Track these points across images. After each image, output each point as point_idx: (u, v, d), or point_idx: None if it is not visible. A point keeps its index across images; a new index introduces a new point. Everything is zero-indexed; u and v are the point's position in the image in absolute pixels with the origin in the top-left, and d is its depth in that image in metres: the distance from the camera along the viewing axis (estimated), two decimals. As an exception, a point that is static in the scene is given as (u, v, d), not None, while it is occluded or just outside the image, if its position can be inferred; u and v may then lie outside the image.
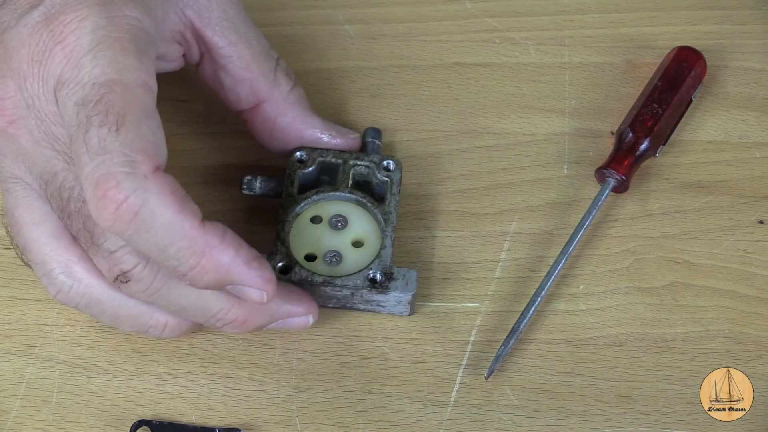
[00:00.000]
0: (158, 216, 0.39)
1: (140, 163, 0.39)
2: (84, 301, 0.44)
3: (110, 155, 0.38)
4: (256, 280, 0.41)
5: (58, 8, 0.41)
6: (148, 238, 0.39)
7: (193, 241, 0.39)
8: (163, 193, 0.39)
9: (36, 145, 0.42)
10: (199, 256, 0.40)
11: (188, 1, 0.47)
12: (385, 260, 0.47)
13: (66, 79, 0.40)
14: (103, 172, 0.38)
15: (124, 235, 0.39)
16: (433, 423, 0.46)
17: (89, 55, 0.40)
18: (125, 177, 0.38)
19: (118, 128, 0.39)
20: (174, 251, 0.39)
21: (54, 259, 0.43)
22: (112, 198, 0.38)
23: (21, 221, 0.44)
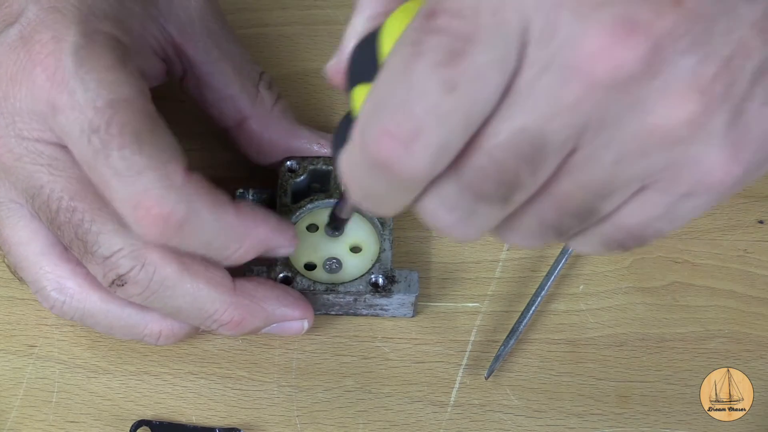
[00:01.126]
0: (203, 217, 0.40)
1: (174, 172, 0.39)
2: (78, 314, 0.44)
3: (142, 174, 0.39)
4: (287, 240, 0.44)
5: (33, 27, 0.41)
6: (195, 240, 0.41)
7: (235, 228, 0.41)
8: (201, 194, 0.40)
9: (17, 161, 0.42)
10: (241, 239, 0.42)
11: (169, 16, 0.47)
12: (386, 263, 0.47)
13: (58, 105, 0.40)
14: (139, 192, 0.39)
15: (171, 242, 0.40)
16: (433, 423, 0.46)
17: (77, 78, 0.40)
18: (165, 191, 0.39)
19: (140, 146, 0.39)
20: (220, 243, 0.41)
21: (44, 277, 0.44)
22: (158, 215, 0.39)
23: (9, 241, 0.44)
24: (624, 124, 0.29)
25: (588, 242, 0.33)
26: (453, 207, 0.32)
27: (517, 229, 0.33)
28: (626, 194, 0.31)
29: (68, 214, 0.41)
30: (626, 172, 0.30)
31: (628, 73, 0.28)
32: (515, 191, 0.31)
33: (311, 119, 0.55)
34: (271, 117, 0.50)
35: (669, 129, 0.29)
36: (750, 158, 0.30)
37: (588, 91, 0.29)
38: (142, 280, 0.42)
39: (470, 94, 0.29)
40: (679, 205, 0.31)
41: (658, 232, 0.32)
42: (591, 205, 0.31)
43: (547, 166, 0.30)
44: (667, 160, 0.30)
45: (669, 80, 0.29)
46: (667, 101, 0.29)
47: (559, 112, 0.29)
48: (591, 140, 0.30)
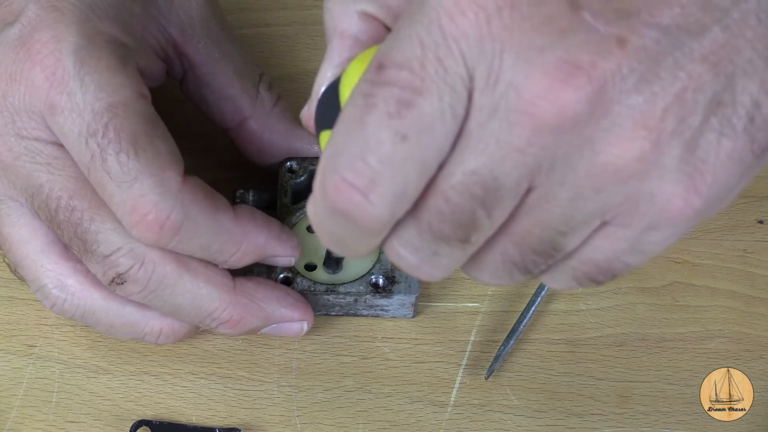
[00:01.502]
0: (199, 222, 0.40)
1: (170, 178, 0.40)
2: (78, 312, 0.44)
3: (138, 180, 0.39)
4: (287, 250, 0.44)
5: (33, 26, 0.41)
6: (191, 243, 0.41)
7: (232, 233, 0.42)
8: (198, 199, 0.40)
9: (16, 160, 0.42)
10: (238, 244, 0.42)
11: (170, 17, 0.47)
12: (386, 264, 0.47)
13: (57, 105, 0.40)
14: (135, 197, 0.39)
15: (167, 246, 0.41)
16: (433, 423, 0.46)
17: (76, 79, 0.40)
18: (161, 197, 0.39)
19: (136, 151, 0.39)
20: (216, 247, 0.42)
21: (45, 275, 0.44)
22: (154, 220, 0.39)
23: (9, 239, 0.44)
24: (575, 164, 0.30)
25: (559, 279, 0.34)
26: (416, 248, 0.33)
27: (483, 267, 0.34)
28: (587, 230, 0.31)
29: (67, 213, 0.41)
30: (583, 209, 0.31)
31: (573, 114, 0.29)
32: (473, 232, 0.31)
33: (311, 120, 0.55)
34: (271, 118, 0.50)
35: (620, 166, 0.29)
36: (709, 189, 0.30)
37: (535, 134, 0.29)
38: (141, 278, 0.42)
39: (421, 142, 0.30)
40: (643, 238, 0.31)
41: (627, 266, 0.33)
42: (552, 241, 0.32)
43: (502, 207, 0.31)
44: (623, 196, 0.30)
45: (616, 119, 0.29)
46: (616, 140, 0.29)
47: (508, 155, 0.29)
48: (545, 180, 0.30)
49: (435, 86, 0.29)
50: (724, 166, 0.30)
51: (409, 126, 0.30)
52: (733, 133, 0.30)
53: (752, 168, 0.31)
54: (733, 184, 0.30)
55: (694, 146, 0.29)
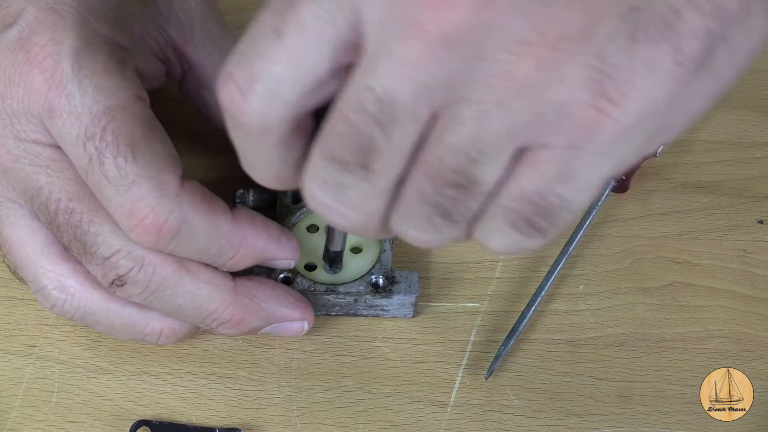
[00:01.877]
0: (197, 226, 0.40)
1: (168, 181, 0.40)
2: (79, 313, 0.44)
3: (136, 183, 0.39)
4: (287, 253, 0.44)
5: (32, 28, 0.41)
6: (189, 247, 0.41)
7: (230, 236, 0.42)
8: (196, 203, 0.40)
9: (15, 163, 0.42)
10: (236, 247, 0.42)
11: (169, 18, 0.47)
12: (386, 264, 0.47)
13: (55, 108, 0.40)
14: (133, 200, 0.39)
15: (165, 250, 0.41)
16: (433, 423, 0.46)
17: (74, 82, 0.40)
18: (159, 201, 0.39)
19: (134, 155, 0.39)
20: (214, 251, 0.42)
21: (45, 276, 0.44)
22: (152, 224, 0.39)
23: (9, 240, 0.44)
24: (474, 78, 0.28)
25: (494, 229, 0.32)
26: (323, 181, 0.32)
27: (403, 215, 0.32)
28: (503, 157, 0.30)
29: (67, 216, 0.41)
30: (491, 129, 0.29)
31: (459, 22, 0.28)
32: (373, 156, 0.30)
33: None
34: None
35: (518, 76, 0.28)
36: (626, 99, 0.28)
37: (426, 47, 0.28)
38: (141, 280, 0.42)
39: (296, 41, 0.30)
40: (570, 162, 0.29)
41: (562, 200, 0.30)
42: (465, 171, 0.30)
43: (401, 129, 0.30)
44: (529, 111, 0.29)
45: (509, 26, 0.28)
46: (510, 47, 0.28)
47: (401, 71, 0.29)
48: (447, 103, 0.29)
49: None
50: (642, 74, 0.28)
51: (286, 23, 0.30)
52: (647, 39, 0.28)
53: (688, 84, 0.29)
54: (662, 99, 0.28)
55: (603, 53, 0.28)
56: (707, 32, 0.28)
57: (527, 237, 0.32)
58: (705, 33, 0.28)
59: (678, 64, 0.28)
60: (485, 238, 0.33)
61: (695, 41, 0.28)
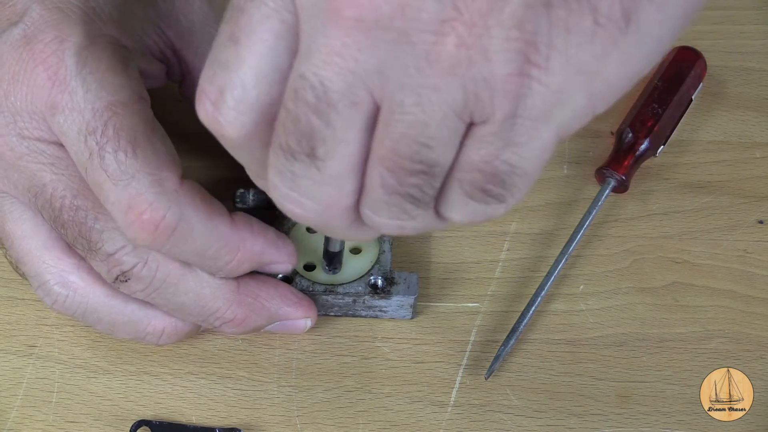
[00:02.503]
0: (195, 226, 0.40)
1: (167, 179, 0.40)
2: (80, 309, 0.44)
3: (135, 178, 0.39)
4: (284, 257, 0.44)
5: (37, 26, 0.41)
6: (186, 248, 0.40)
7: (228, 238, 0.41)
8: (195, 203, 0.40)
9: (19, 160, 0.42)
10: (234, 251, 0.42)
11: (168, 21, 0.47)
12: (385, 265, 0.47)
13: (58, 104, 0.40)
14: (132, 195, 0.39)
15: (162, 249, 0.40)
16: (433, 423, 0.46)
17: (78, 78, 0.40)
18: (157, 197, 0.39)
19: (135, 150, 0.39)
20: (211, 253, 0.41)
21: (48, 271, 0.43)
22: (149, 220, 0.39)
23: (12, 235, 0.44)
24: (402, 63, 0.29)
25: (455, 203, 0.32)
26: (278, 171, 0.32)
27: (373, 205, 0.33)
28: (453, 137, 0.30)
29: (71, 213, 0.41)
30: (432, 112, 0.29)
31: (375, 8, 0.28)
32: (316, 144, 0.31)
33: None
34: None
35: (442, 56, 0.28)
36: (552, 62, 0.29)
37: (347, 34, 0.29)
38: (145, 276, 0.42)
39: (250, 44, 0.31)
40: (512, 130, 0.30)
41: (511, 167, 0.31)
42: (421, 157, 0.31)
43: (340, 116, 0.30)
44: (461, 89, 0.29)
45: (421, 6, 0.28)
46: (428, 28, 0.28)
47: (328, 58, 0.29)
48: (385, 90, 0.29)
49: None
50: (563, 38, 0.28)
51: (240, 29, 0.31)
52: (564, 2, 0.28)
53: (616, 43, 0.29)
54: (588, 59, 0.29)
55: (521, 22, 0.28)
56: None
57: (487, 205, 0.32)
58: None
59: (599, 25, 0.29)
60: (448, 212, 0.33)
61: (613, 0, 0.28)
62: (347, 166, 0.32)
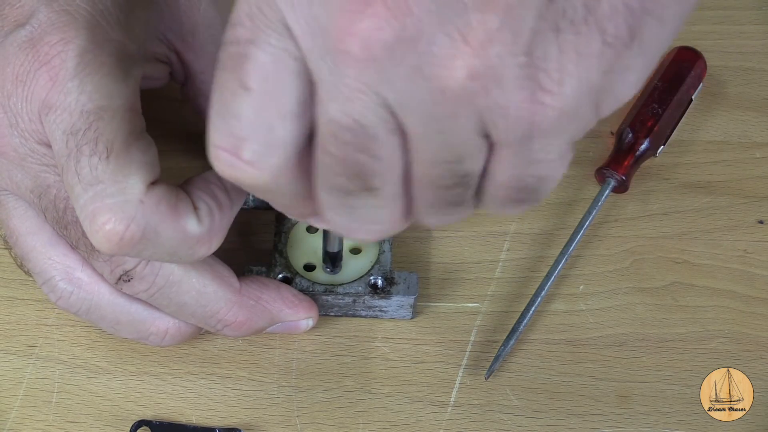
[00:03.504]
0: (161, 231, 0.39)
1: (132, 187, 0.39)
2: (85, 306, 0.44)
3: (103, 185, 0.38)
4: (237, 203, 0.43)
5: (43, 28, 0.41)
6: (154, 252, 0.40)
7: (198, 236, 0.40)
8: (160, 211, 0.39)
9: (23, 161, 0.41)
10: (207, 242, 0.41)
11: (171, 24, 0.47)
12: (385, 265, 0.47)
13: (53, 104, 0.40)
14: (98, 204, 0.38)
15: (129, 255, 0.40)
16: (433, 423, 0.46)
17: (75, 80, 0.40)
18: (120, 207, 0.38)
19: (108, 155, 0.39)
20: (185, 251, 0.40)
21: (53, 267, 0.43)
22: (113, 230, 0.38)
23: (17, 231, 0.44)
24: (418, 95, 0.29)
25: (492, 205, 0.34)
26: (335, 210, 0.33)
27: (422, 213, 0.34)
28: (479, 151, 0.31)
29: (75, 214, 0.41)
30: (455, 137, 0.30)
31: (382, 43, 0.28)
32: (370, 178, 0.31)
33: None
34: None
35: (456, 89, 0.29)
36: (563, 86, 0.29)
37: (360, 71, 0.29)
38: (148, 275, 0.42)
39: (266, 90, 0.30)
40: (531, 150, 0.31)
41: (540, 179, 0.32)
42: (454, 173, 0.31)
43: (383, 146, 0.31)
44: (477, 116, 0.29)
45: (433, 40, 0.28)
46: (440, 62, 0.28)
47: (351, 96, 0.29)
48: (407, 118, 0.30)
49: (263, 33, 0.30)
50: (574, 61, 0.29)
51: (250, 76, 0.30)
52: (572, 26, 0.28)
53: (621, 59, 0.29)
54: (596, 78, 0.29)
55: (530, 49, 0.28)
56: (628, 8, 0.29)
57: (523, 204, 0.33)
58: (626, 9, 0.29)
59: (607, 45, 0.29)
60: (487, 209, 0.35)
61: (619, 19, 0.29)
62: (400, 183, 0.32)
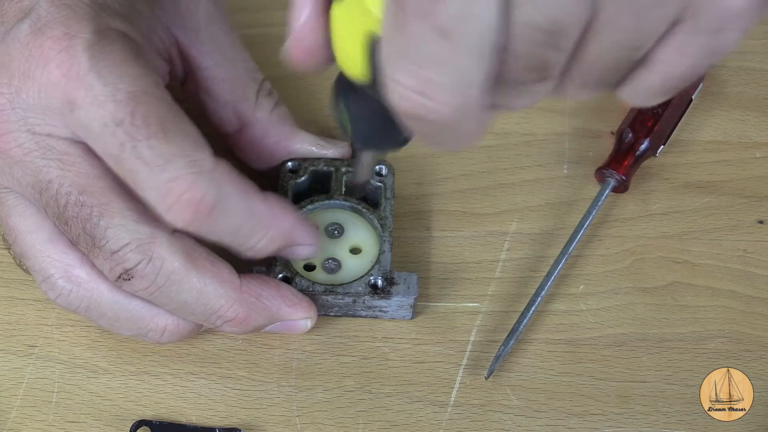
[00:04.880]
0: (232, 203, 0.40)
1: (202, 159, 0.40)
2: (84, 304, 0.44)
3: (171, 162, 0.39)
4: (310, 239, 0.44)
5: (45, 22, 0.41)
6: (224, 226, 0.41)
7: (262, 215, 0.42)
8: (231, 180, 0.40)
9: (26, 156, 0.42)
10: (267, 228, 0.42)
11: (175, 19, 0.47)
12: (385, 265, 0.47)
13: (77, 101, 0.40)
14: (171, 178, 0.39)
15: (200, 229, 0.41)
16: (433, 423, 0.46)
17: (92, 73, 0.40)
18: (196, 177, 0.39)
19: (166, 134, 0.39)
20: (246, 230, 0.42)
21: (52, 265, 0.43)
22: (189, 200, 0.39)
23: (16, 229, 0.44)
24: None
25: (640, 92, 0.34)
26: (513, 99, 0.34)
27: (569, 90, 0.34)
28: (657, 40, 0.32)
29: (76, 209, 0.41)
30: (648, 24, 0.31)
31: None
32: (549, 70, 0.32)
33: (311, 120, 0.55)
34: (270, 123, 0.50)
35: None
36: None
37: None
38: (149, 274, 0.42)
39: (463, 33, 0.30)
40: (713, 42, 0.32)
41: (704, 69, 0.33)
42: (627, 58, 0.32)
43: (569, 39, 0.31)
44: (683, 3, 0.30)
45: None
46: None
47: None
48: (604, 7, 0.30)
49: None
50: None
51: (447, 19, 0.30)
52: None
53: None
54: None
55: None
56: None
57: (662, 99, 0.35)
58: None
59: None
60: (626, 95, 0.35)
61: None
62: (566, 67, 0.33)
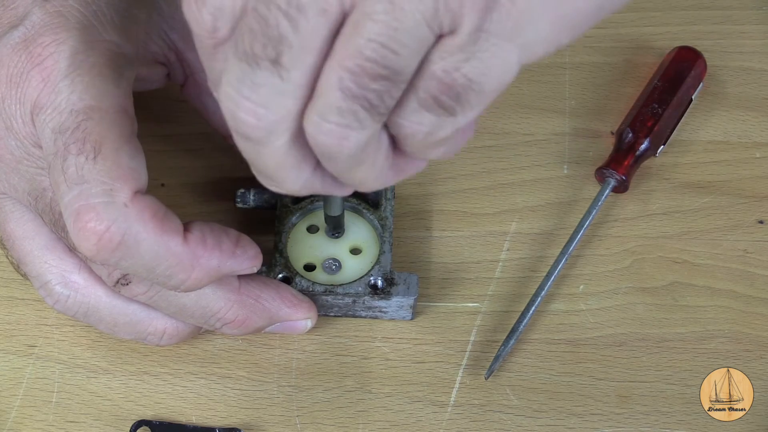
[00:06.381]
0: (142, 241, 0.39)
1: (119, 190, 0.38)
2: (82, 309, 0.44)
3: (88, 185, 0.38)
4: (245, 264, 0.42)
5: (37, 30, 0.41)
6: (134, 262, 0.39)
7: (180, 257, 0.40)
8: (144, 219, 0.39)
9: (19, 164, 0.41)
10: (188, 270, 0.40)
11: (173, 23, 0.47)
12: (385, 266, 0.47)
13: (43, 104, 0.40)
14: (82, 203, 0.38)
15: (109, 261, 0.39)
16: (433, 423, 0.46)
17: (66, 80, 0.39)
18: (104, 207, 0.38)
19: (96, 156, 0.38)
20: (162, 270, 0.40)
21: (49, 271, 0.43)
22: (93, 229, 0.38)
23: (14, 235, 0.44)
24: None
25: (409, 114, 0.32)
26: (236, 80, 0.32)
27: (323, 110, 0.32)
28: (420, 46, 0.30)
29: None
30: (403, 18, 0.30)
31: None
32: (282, 50, 0.31)
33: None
34: None
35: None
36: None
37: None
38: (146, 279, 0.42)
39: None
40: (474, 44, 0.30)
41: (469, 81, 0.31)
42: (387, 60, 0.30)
43: (310, 23, 0.30)
44: None
45: None
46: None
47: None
48: None
49: None
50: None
51: None
52: None
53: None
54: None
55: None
56: None
57: (437, 117, 0.32)
58: None
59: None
60: (398, 118, 0.33)
61: None
62: (308, 76, 0.31)
